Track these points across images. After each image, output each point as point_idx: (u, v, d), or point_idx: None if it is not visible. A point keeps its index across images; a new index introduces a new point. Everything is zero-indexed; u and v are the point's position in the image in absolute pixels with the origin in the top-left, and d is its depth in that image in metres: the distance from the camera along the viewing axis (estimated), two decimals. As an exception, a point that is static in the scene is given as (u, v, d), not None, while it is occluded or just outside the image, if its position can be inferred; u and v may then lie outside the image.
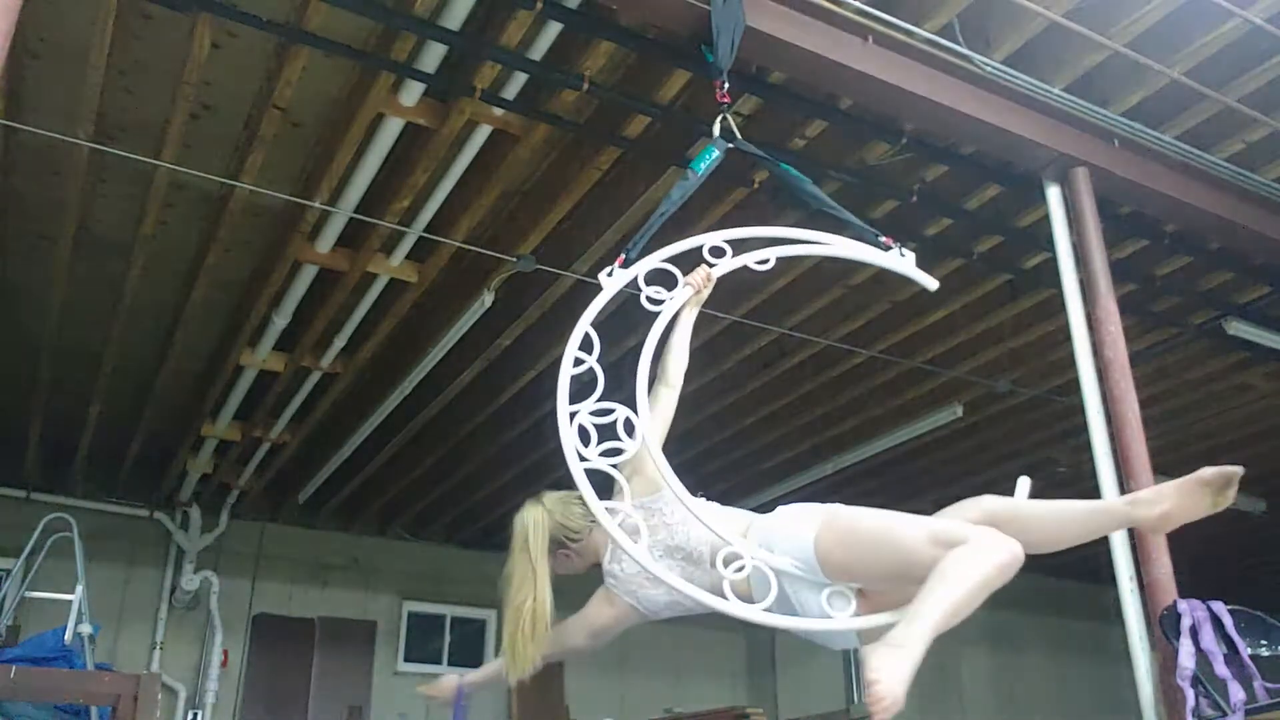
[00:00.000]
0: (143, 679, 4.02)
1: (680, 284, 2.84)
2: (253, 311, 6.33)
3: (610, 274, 2.86)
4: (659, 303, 2.78)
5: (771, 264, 2.95)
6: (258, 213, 5.58)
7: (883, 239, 3.06)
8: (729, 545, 2.34)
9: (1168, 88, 4.58)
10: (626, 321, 5.29)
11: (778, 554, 2.36)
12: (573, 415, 2.43)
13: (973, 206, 5.52)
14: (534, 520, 2.62)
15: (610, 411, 2.46)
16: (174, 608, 9.29)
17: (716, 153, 3.19)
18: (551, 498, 2.70)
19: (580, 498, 2.44)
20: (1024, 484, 2.61)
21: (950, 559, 2.13)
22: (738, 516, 2.54)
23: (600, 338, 2.60)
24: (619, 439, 2.43)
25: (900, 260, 3.03)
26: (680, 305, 2.84)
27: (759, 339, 6.79)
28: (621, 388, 2.52)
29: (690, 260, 2.91)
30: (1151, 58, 4.41)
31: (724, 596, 2.29)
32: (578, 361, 2.56)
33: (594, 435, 2.42)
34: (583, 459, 2.38)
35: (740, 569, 2.30)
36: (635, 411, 2.46)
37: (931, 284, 3.10)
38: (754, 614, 2.29)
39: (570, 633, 2.63)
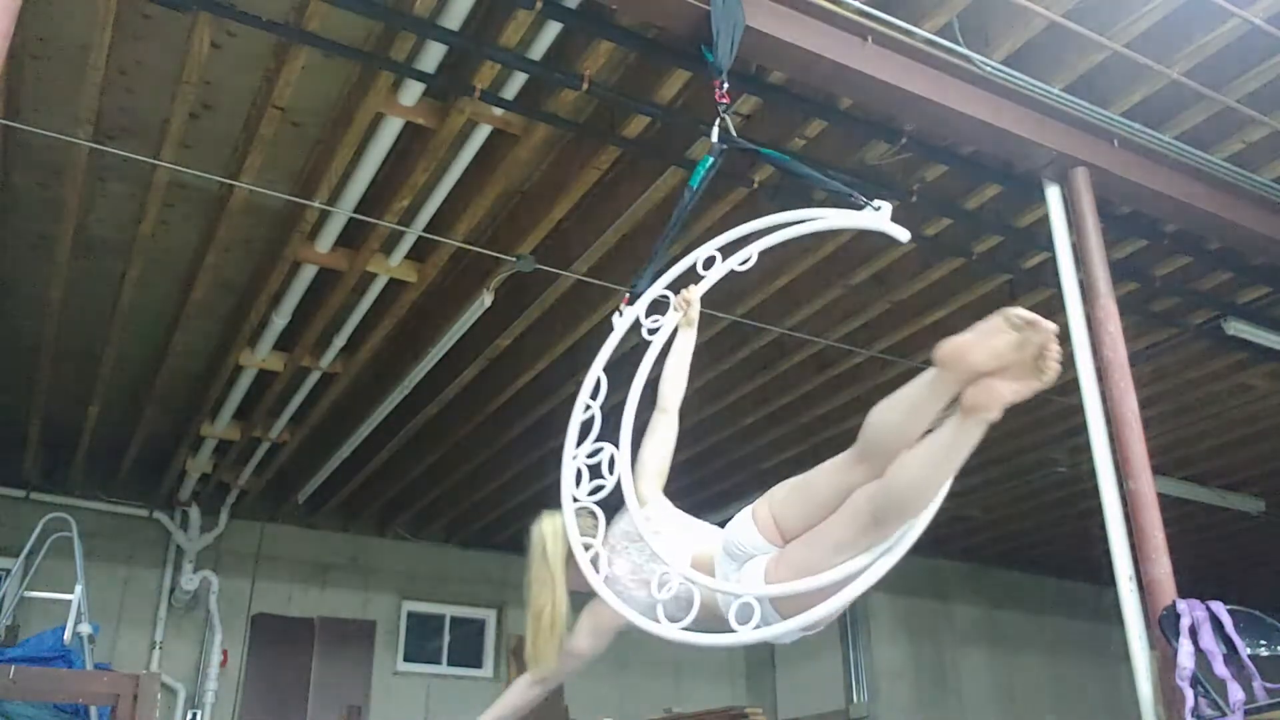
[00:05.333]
0: (142, 679, 4.02)
1: (670, 307, 2.95)
2: (252, 311, 6.33)
3: (620, 314, 3.00)
4: (654, 332, 2.91)
5: (754, 260, 2.97)
6: (257, 213, 5.58)
7: (856, 198, 2.94)
8: (666, 567, 2.46)
9: (1167, 88, 4.58)
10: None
11: (738, 561, 2.45)
12: (574, 457, 2.71)
13: (972, 206, 5.52)
14: (551, 530, 2.81)
15: (598, 451, 2.69)
16: (173, 607, 9.29)
17: (711, 159, 3.19)
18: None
19: (591, 512, 2.69)
20: None
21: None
22: (713, 533, 2.68)
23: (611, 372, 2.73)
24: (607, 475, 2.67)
25: (876, 217, 2.88)
26: (671, 330, 2.97)
27: (759, 339, 6.79)
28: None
29: (690, 276, 2.98)
30: (1151, 58, 4.41)
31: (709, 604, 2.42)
32: (586, 406, 2.76)
33: (585, 475, 2.69)
34: (575, 499, 2.65)
35: (669, 589, 2.43)
36: (621, 446, 2.67)
37: (903, 235, 2.88)
38: (671, 633, 2.40)
39: (574, 635, 2.78)
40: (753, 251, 2.96)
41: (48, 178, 5.24)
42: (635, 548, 2.72)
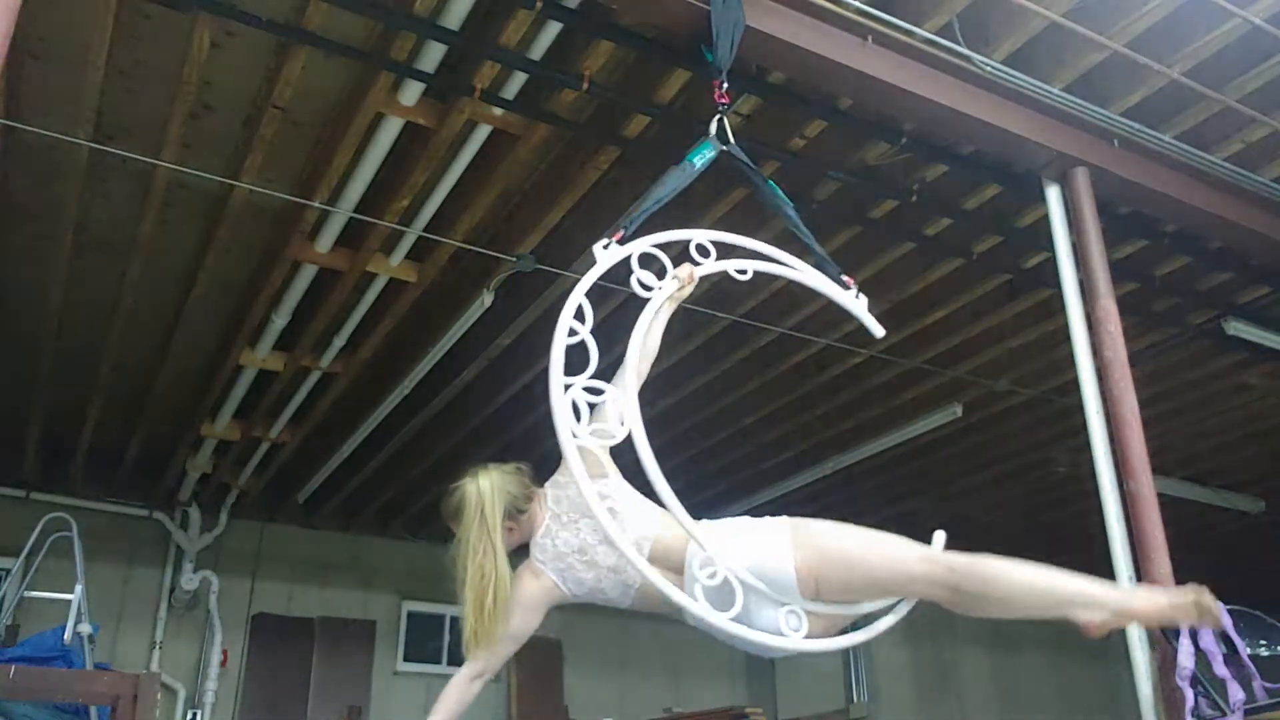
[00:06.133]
0: (142, 678, 4.02)
1: (669, 275, 2.79)
2: (252, 311, 6.33)
3: (606, 247, 2.80)
4: (647, 288, 2.75)
5: (749, 275, 2.97)
6: (258, 213, 5.58)
7: (844, 278, 3.13)
8: (705, 551, 2.33)
9: (1167, 88, 4.58)
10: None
11: (744, 567, 2.38)
12: (566, 387, 2.39)
13: (972, 206, 5.52)
14: (490, 489, 2.60)
15: (601, 392, 2.44)
16: (173, 607, 9.29)
17: (712, 150, 3.21)
18: (498, 470, 2.68)
19: (518, 469, 2.56)
20: (940, 537, 2.56)
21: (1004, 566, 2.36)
22: (661, 516, 2.54)
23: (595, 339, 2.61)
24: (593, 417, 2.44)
25: (854, 302, 3.12)
26: (665, 296, 2.80)
27: (759, 339, 6.79)
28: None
29: (675, 256, 2.91)
30: (1151, 58, 4.41)
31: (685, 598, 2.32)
32: (571, 332, 2.51)
33: (585, 412, 2.38)
34: (576, 435, 2.33)
35: (713, 575, 2.30)
36: (630, 399, 2.45)
37: (879, 331, 3.15)
38: (722, 622, 2.27)
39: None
40: (750, 267, 2.98)
41: (48, 178, 5.24)
42: (587, 524, 2.53)
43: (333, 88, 4.82)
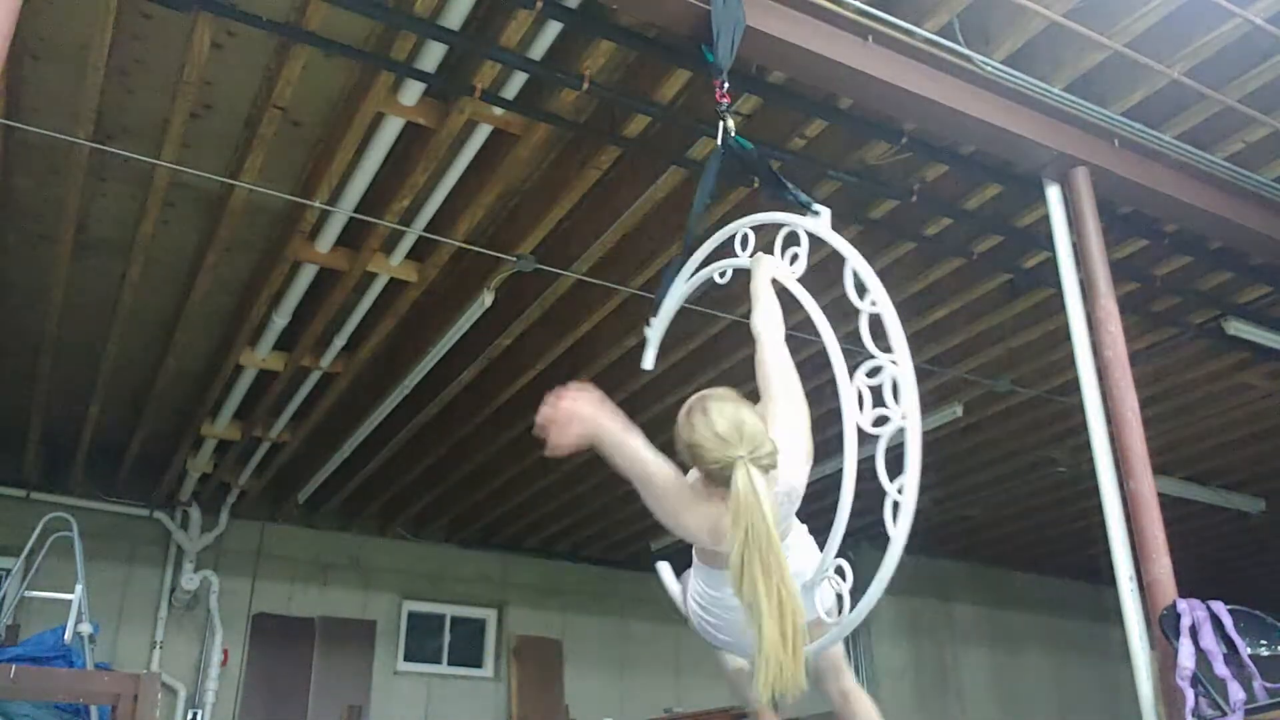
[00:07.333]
0: (142, 678, 4.02)
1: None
2: (253, 311, 6.33)
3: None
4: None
5: (728, 278, 3.32)
6: (258, 213, 5.59)
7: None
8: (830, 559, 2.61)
9: (1168, 88, 4.58)
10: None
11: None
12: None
13: (972, 206, 5.52)
14: (762, 488, 2.06)
15: (878, 370, 2.44)
16: (174, 607, 9.29)
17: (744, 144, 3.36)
18: (755, 434, 2.24)
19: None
20: None
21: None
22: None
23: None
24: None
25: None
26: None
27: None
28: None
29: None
30: (1151, 58, 4.41)
31: None
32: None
33: (868, 399, 2.40)
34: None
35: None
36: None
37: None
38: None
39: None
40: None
41: (48, 178, 5.24)
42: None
43: (333, 88, 4.82)
